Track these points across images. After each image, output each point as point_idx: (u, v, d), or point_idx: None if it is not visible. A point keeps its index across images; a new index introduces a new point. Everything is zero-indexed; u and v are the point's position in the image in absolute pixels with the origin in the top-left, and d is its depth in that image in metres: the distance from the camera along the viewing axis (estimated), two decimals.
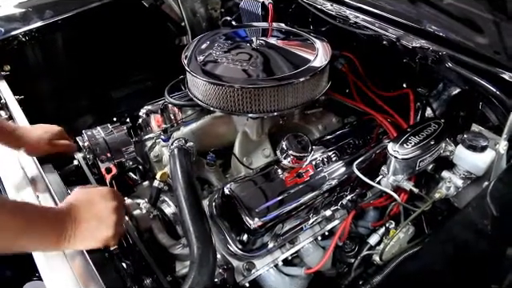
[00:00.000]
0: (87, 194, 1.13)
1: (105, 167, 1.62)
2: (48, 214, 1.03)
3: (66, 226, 1.01)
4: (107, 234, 1.07)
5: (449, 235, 1.05)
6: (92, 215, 1.07)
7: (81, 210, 1.06)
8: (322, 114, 1.83)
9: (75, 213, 1.05)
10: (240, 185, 1.38)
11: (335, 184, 1.49)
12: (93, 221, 1.06)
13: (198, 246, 1.14)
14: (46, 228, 0.99)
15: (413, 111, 1.65)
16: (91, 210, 1.08)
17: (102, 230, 1.07)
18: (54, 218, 1.02)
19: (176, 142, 1.46)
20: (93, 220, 1.06)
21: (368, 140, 1.64)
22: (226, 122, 1.74)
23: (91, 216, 1.06)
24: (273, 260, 1.49)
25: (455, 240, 1.03)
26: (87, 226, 1.04)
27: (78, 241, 1.03)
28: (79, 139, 1.68)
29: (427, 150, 1.44)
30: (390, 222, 1.55)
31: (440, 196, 1.46)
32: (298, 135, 1.41)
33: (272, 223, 1.36)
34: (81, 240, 1.03)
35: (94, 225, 1.06)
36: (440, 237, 1.11)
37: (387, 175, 1.49)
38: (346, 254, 1.60)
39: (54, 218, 1.02)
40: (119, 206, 1.13)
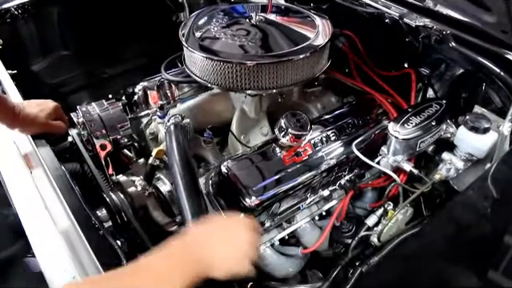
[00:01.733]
0: (223, 223, 1.07)
1: (100, 144, 1.59)
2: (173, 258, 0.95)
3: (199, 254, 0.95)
4: (243, 262, 1.01)
5: (450, 217, 1.03)
6: (223, 244, 1.00)
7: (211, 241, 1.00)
8: (321, 93, 1.80)
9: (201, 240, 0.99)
10: (237, 163, 1.36)
11: (333, 164, 1.47)
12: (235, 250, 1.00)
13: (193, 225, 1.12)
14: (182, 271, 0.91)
15: (414, 91, 1.62)
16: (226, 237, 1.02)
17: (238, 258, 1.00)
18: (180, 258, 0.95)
19: (172, 119, 1.44)
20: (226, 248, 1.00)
21: (367, 120, 1.62)
22: (224, 99, 1.71)
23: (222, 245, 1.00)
24: (269, 239, 1.48)
25: (456, 222, 1.01)
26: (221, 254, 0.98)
27: (216, 269, 0.96)
28: (73, 115, 1.64)
29: (428, 130, 1.42)
30: (388, 203, 1.53)
31: (440, 178, 1.44)
32: (296, 113, 1.38)
33: (269, 202, 1.34)
34: (219, 267, 0.97)
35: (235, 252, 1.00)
36: (440, 218, 1.09)
37: (387, 155, 1.47)
38: (343, 234, 1.59)
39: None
40: (253, 235, 1.04)
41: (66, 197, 1.17)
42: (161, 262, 0.92)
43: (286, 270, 1.52)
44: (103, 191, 1.44)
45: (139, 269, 0.90)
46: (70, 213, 1.12)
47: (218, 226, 1.04)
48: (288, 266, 1.52)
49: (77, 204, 1.14)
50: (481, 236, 1.00)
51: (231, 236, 1.02)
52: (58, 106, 1.55)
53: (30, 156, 1.39)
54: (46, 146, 1.42)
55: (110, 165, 1.60)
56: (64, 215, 1.14)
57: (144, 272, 0.89)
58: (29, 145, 1.43)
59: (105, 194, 1.43)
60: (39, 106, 1.50)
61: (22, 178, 1.31)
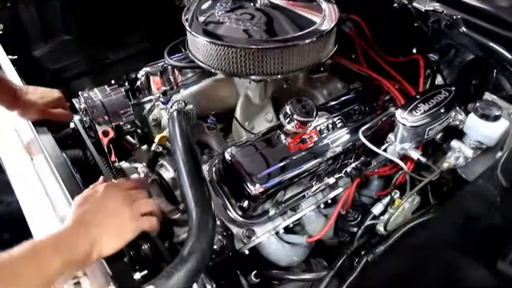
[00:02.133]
0: (88, 197, 1.05)
1: (102, 130, 1.56)
2: (61, 243, 0.93)
3: (86, 242, 0.94)
4: (130, 223, 1.02)
5: (459, 207, 1.01)
6: (104, 215, 1.00)
7: (90, 215, 0.99)
8: (327, 79, 1.77)
9: (88, 221, 0.98)
10: (241, 149, 1.33)
11: (339, 151, 1.44)
12: (108, 219, 1.00)
13: (196, 212, 1.10)
14: (66, 258, 0.90)
15: (422, 78, 1.59)
16: (101, 210, 1.01)
17: (123, 222, 1.01)
18: (68, 242, 0.93)
19: (175, 105, 1.41)
20: (107, 218, 1.00)
21: (374, 107, 1.58)
22: (228, 84, 1.68)
23: (104, 216, 1.00)
24: (274, 227, 1.46)
25: (465, 212, 0.99)
26: (104, 227, 0.98)
27: (104, 245, 0.95)
28: (75, 101, 1.62)
29: (437, 118, 1.39)
30: (394, 191, 1.50)
31: (448, 166, 1.42)
32: (302, 99, 1.35)
33: (274, 190, 1.32)
34: (107, 242, 0.96)
35: (114, 221, 1.00)
36: (449, 208, 1.07)
37: (394, 143, 1.44)
38: (349, 222, 1.57)
39: (69, 243, 0.93)
40: (125, 193, 1.07)
41: (67, 184, 1.15)
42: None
43: (290, 259, 1.50)
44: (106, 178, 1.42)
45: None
46: (70, 200, 1.10)
47: (93, 202, 1.03)
48: (292, 255, 1.50)
49: (77, 191, 1.12)
50: (490, 226, 0.97)
51: (105, 205, 1.02)
52: (62, 97, 1.54)
53: (31, 143, 1.37)
54: (47, 134, 1.40)
55: (112, 151, 1.58)
56: (65, 202, 1.13)
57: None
58: (30, 132, 1.41)
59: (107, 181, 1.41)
60: (42, 93, 1.49)
61: (23, 165, 1.30)
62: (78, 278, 0.96)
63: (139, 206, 1.07)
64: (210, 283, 1.23)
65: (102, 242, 0.95)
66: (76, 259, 0.91)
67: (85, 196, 1.06)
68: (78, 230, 0.96)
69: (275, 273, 1.51)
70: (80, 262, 0.92)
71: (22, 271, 0.83)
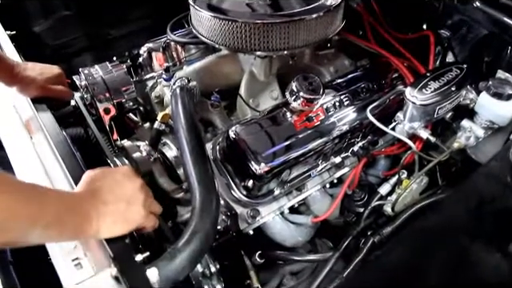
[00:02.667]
0: (106, 173, 1.00)
1: (103, 107, 1.54)
2: (65, 198, 0.90)
3: (88, 212, 0.88)
4: (139, 215, 0.96)
5: (472, 189, 0.98)
6: (119, 196, 0.94)
7: (103, 191, 0.93)
8: (333, 56, 1.73)
9: (98, 195, 0.92)
10: (246, 127, 1.30)
11: (346, 130, 1.42)
12: (121, 202, 0.94)
13: (200, 191, 1.07)
14: (64, 214, 0.84)
15: (433, 55, 1.55)
16: (116, 190, 0.95)
17: (133, 211, 0.95)
18: (73, 202, 0.89)
19: (178, 82, 1.38)
20: (121, 201, 0.94)
21: (382, 84, 1.55)
22: (232, 61, 1.63)
23: (118, 197, 0.94)
24: (279, 207, 1.44)
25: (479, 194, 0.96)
26: (115, 208, 0.92)
27: (107, 226, 0.90)
28: (76, 78, 1.59)
29: (447, 96, 1.35)
30: (402, 171, 1.47)
31: (459, 146, 1.39)
32: (308, 76, 1.31)
33: (279, 169, 1.29)
34: (110, 224, 0.91)
35: (123, 206, 0.94)
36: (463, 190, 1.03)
37: (403, 122, 1.41)
38: (355, 202, 1.55)
39: (73, 203, 0.88)
40: (143, 184, 1.02)
41: (67, 163, 1.12)
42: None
43: (295, 239, 1.49)
44: (107, 156, 1.40)
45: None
46: (70, 179, 1.07)
47: (108, 181, 0.97)
48: (297, 235, 1.49)
49: (78, 170, 1.09)
50: (504, 208, 0.94)
51: (113, 188, 0.96)
52: (62, 73, 1.50)
53: (31, 121, 1.34)
54: (46, 111, 1.36)
55: (114, 129, 1.56)
56: (65, 181, 1.10)
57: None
58: (29, 110, 1.37)
59: (109, 159, 1.39)
60: (42, 69, 1.45)
61: (22, 143, 1.26)
62: (79, 259, 0.94)
63: (152, 203, 1.03)
64: (213, 264, 1.22)
65: (104, 222, 0.90)
66: (70, 223, 0.86)
67: (102, 171, 1.01)
68: (85, 199, 0.91)
69: (280, 253, 1.50)
70: (73, 229, 0.87)
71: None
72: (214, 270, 1.22)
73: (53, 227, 0.82)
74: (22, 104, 1.39)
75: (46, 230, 0.80)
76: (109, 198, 0.93)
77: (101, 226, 0.89)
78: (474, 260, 0.84)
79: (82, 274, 0.90)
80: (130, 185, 0.98)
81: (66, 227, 0.85)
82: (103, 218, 0.90)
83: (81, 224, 0.87)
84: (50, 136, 1.22)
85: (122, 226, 0.93)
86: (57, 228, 0.83)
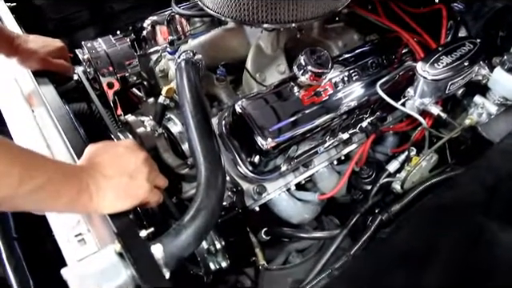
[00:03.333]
0: (109, 147, 0.97)
1: (106, 82, 1.51)
2: (63, 167, 0.87)
3: (87, 185, 0.85)
4: (143, 189, 0.93)
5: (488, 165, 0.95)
6: (121, 170, 0.91)
7: (105, 165, 0.90)
8: (342, 30, 1.68)
9: (99, 169, 0.89)
10: (252, 102, 1.27)
11: (355, 105, 1.38)
12: (124, 176, 0.91)
13: (205, 166, 1.05)
14: (58, 182, 0.81)
15: (445, 29, 1.50)
16: (119, 164, 0.92)
17: (136, 185, 0.92)
18: (71, 172, 0.86)
19: (183, 55, 1.35)
20: (123, 175, 0.91)
21: (392, 60, 1.51)
22: (238, 34, 1.60)
23: (120, 171, 0.91)
24: (285, 184, 1.42)
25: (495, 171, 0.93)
26: (117, 183, 0.89)
27: (109, 201, 0.88)
28: (79, 52, 1.56)
29: (460, 71, 1.32)
30: (411, 148, 1.44)
31: (471, 123, 1.37)
32: (317, 50, 1.27)
33: (286, 144, 1.27)
34: (112, 199, 0.88)
35: (126, 181, 0.91)
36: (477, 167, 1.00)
37: (413, 97, 1.37)
38: (363, 180, 1.53)
39: (71, 173, 0.85)
40: (148, 157, 0.99)
41: (69, 137, 1.10)
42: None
43: (301, 216, 1.48)
44: (111, 132, 1.37)
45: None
46: (72, 152, 1.05)
47: (111, 154, 0.95)
48: (304, 212, 1.47)
49: (80, 143, 1.07)
50: None
51: (116, 161, 0.93)
52: (64, 47, 1.47)
53: (32, 94, 1.31)
54: (48, 84, 1.34)
55: (118, 104, 1.53)
56: (67, 155, 1.07)
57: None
58: (30, 82, 1.35)
59: (112, 134, 1.36)
60: (44, 42, 1.42)
61: (23, 116, 1.24)
62: (82, 234, 0.92)
63: (157, 177, 1.00)
64: (219, 241, 1.20)
65: (105, 197, 0.88)
66: (66, 193, 0.83)
67: (105, 144, 0.98)
68: (86, 172, 0.88)
69: (286, 230, 1.49)
70: (69, 200, 0.83)
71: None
72: (220, 247, 1.19)
73: (43, 192, 0.79)
74: (24, 77, 1.36)
75: (36, 193, 0.78)
76: (110, 171, 0.90)
77: (101, 200, 0.87)
78: (488, 238, 0.82)
79: (85, 249, 0.89)
80: (133, 158, 0.95)
81: (60, 196, 0.82)
82: (103, 192, 0.87)
83: (78, 196, 0.84)
84: (52, 109, 1.20)
85: (125, 201, 0.91)
86: (49, 195, 0.81)
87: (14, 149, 0.79)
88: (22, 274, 1.36)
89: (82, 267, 0.81)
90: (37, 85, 1.31)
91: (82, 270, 0.80)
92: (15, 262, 1.39)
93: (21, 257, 1.40)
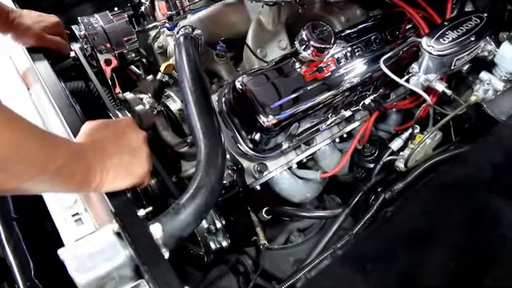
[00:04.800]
0: (108, 124, 0.95)
1: (104, 59, 1.49)
2: (73, 145, 0.85)
3: (93, 163, 0.82)
4: (143, 169, 0.91)
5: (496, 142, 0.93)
6: (122, 148, 0.89)
7: (106, 142, 0.88)
8: (345, 5, 1.64)
9: (100, 146, 0.87)
10: (253, 78, 1.24)
11: (357, 82, 1.36)
12: (124, 154, 0.89)
13: (205, 144, 1.03)
14: (73, 162, 0.78)
15: (450, 3, 1.46)
16: (120, 142, 0.90)
17: (137, 164, 0.90)
18: (80, 150, 0.83)
19: (182, 30, 1.32)
20: (125, 153, 0.89)
21: (395, 35, 1.48)
22: (239, 9, 1.57)
23: (121, 149, 0.89)
24: (287, 162, 1.41)
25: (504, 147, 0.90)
26: (118, 161, 0.87)
27: (109, 179, 0.85)
28: (75, 28, 1.54)
29: (466, 46, 1.28)
30: (415, 126, 1.42)
31: (476, 99, 1.34)
32: (319, 24, 1.24)
33: (287, 121, 1.25)
34: (113, 178, 0.85)
35: (127, 159, 0.89)
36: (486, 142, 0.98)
37: (418, 73, 1.34)
38: (365, 158, 1.52)
39: (80, 151, 0.83)
40: (146, 136, 0.97)
41: (65, 113, 1.07)
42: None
43: (303, 195, 1.46)
44: (109, 110, 1.36)
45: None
46: (69, 131, 1.02)
47: (111, 131, 0.93)
48: (305, 191, 1.46)
49: (76, 121, 1.04)
50: None
51: (118, 139, 0.91)
52: (60, 22, 1.43)
53: (27, 72, 1.28)
54: (43, 61, 1.31)
55: (116, 82, 1.50)
56: (64, 133, 1.05)
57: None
58: (26, 60, 1.31)
59: (110, 112, 1.34)
60: (39, 17, 1.38)
61: (19, 94, 1.22)
62: (79, 214, 0.90)
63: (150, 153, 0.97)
64: (219, 220, 1.19)
65: (107, 175, 0.85)
66: (78, 172, 0.80)
67: (104, 122, 0.96)
68: (89, 150, 0.85)
69: (287, 209, 1.48)
70: (80, 180, 0.80)
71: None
72: (220, 226, 1.20)
73: (61, 175, 0.76)
74: (19, 54, 1.33)
75: (54, 176, 0.75)
76: (112, 149, 0.88)
77: (104, 179, 0.84)
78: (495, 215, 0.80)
79: (82, 229, 0.88)
80: (134, 136, 0.94)
81: (73, 176, 0.79)
82: (106, 170, 0.85)
83: (87, 175, 0.82)
84: (47, 86, 1.17)
85: (124, 179, 0.88)
86: (64, 176, 0.77)
87: (39, 131, 0.75)
88: (22, 254, 1.35)
89: (79, 247, 0.79)
90: (32, 62, 1.28)
91: (80, 251, 0.78)
92: (14, 243, 1.38)
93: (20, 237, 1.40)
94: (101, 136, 0.90)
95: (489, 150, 0.93)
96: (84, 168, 0.81)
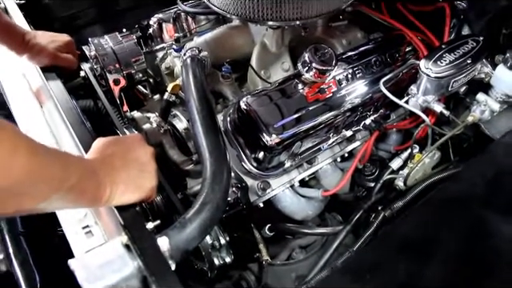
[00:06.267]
0: (118, 140, 0.98)
1: (113, 78, 1.53)
2: (84, 162, 0.87)
3: (103, 178, 0.85)
4: (151, 183, 0.94)
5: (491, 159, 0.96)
6: (131, 163, 0.92)
7: (115, 158, 0.91)
8: (346, 28, 1.68)
9: (110, 161, 0.90)
10: (257, 98, 1.28)
11: (358, 103, 1.39)
12: (133, 169, 0.91)
13: (211, 162, 1.06)
14: (85, 179, 0.80)
15: (448, 27, 1.51)
16: (128, 157, 0.93)
17: (145, 178, 0.93)
18: (91, 167, 0.85)
19: (189, 52, 1.35)
20: (133, 168, 0.91)
21: (395, 58, 1.52)
22: (244, 32, 1.60)
23: (130, 164, 0.91)
24: (289, 180, 1.43)
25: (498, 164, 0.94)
26: (127, 175, 0.90)
27: (119, 193, 0.87)
28: (85, 48, 1.58)
29: (463, 69, 1.33)
30: (414, 145, 1.45)
31: (473, 120, 1.36)
32: (321, 47, 1.28)
33: (290, 141, 1.28)
34: (122, 192, 0.88)
35: (136, 173, 0.91)
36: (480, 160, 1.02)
37: (416, 95, 1.38)
38: (366, 177, 1.54)
39: (91, 168, 0.85)
40: (153, 152, 0.99)
41: (77, 130, 1.11)
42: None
43: (305, 213, 1.49)
44: (117, 128, 1.39)
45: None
46: (81, 147, 1.06)
47: (120, 147, 0.95)
48: (307, 209, 1.48)
49: (87, 137, 1.08)
50: None
51: (126, 154, 0.94)
52: (72, 41, 1.48)
53: (40, 89, 1.33)
54: (56, 80, 1.35)
55: (124, 101, 1.54)
56: (75, 150, 1.09)
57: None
58: (38, 78, 1.36)
59: (119, 130, 1.38)
60: (52, 37, 1.44)
61: (32, 111, 1.26)
62: (90, 227, 0.93)
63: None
64: (223, 236, 1.21)
65: (117, 189, 0.88)
66: (90, 189, 0.82)
67: (114, 138, 0.99)
68: (99, 165, 0.87)
69: (289, 226, 1.50)
70: (91, 196, 0.83)
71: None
72: (224, 242, 1.21)
73: (73, 192, 0.79)
74: (32, 72, 1.38)
75: (67, 194, 0.77)
76: (120, 164, 0.91)
77: (113, 193, 0.87)
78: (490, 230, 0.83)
79: (92, 241, 0.90)
80: (143, 151, 0.97)
81: (85, 193, 0.82)
82: (116, 185, 0.88)
83: (98, 190, 0.85)
84: (60, 104, 1.21)
85: (134, 193, 0.91)
86: (77, 193, 0.80)
87: (51, 150, 0.78)
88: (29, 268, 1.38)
89: (89, 258, 0.81)
90: (45, 80, 1.33)
91: (89, 261, 0.81)
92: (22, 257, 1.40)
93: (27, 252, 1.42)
94: (111, 152, 0.93)
95: (482, 167, 0.96)
96: (95, 184, 0.84)
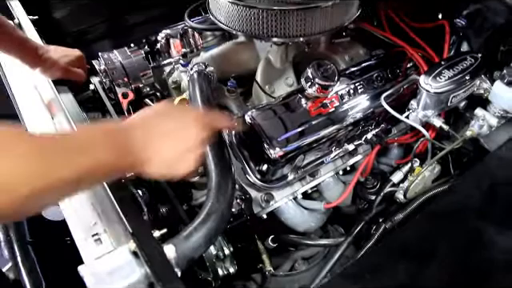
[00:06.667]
0: (172, 112, 0.95)
1: (122, 92, 1.57)
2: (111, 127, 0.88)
3: (136, 138, 0.85)
4: (189, 167, 0.93)
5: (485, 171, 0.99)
6: (175, 140, 0.91)
7: (158, 128, 0.89)
8: (349, 45, 1.73)
9: (148, 134, 0.88)
10: (261, 113, 1.32)
11: (360, 117, 1.43)
12: (175, 147, 0.90)
13: (216, 174, 1.09)
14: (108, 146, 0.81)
15: (447, 44, 1.54)
16: (174, 134, 0.91)
17: (184, 161, 0.92)
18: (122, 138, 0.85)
19: (196, 67, 1.39)
20: (175, 146, 0.90)
21: (396, 73, 1.56)
22: (249, 48, 1.65)
23: (172, 140, 0.90)
24: (292, 192, 1.46)
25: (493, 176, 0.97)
26: (166, 150, 0.89)
27: (149, 165, 0.87)
28: (95, 63, 1.62)
29: (461, 85, 1.36)
30: (414, 159, 1.48)
31: (472, 134, 1.39)
32: (324, 63, 1.33)
33: (293, 154, 1.31)
34: (154, 165, 0.88)
35: (175, 153, 0.91)
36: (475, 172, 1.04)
37: (416, 110, 1.41)
38: (368, 190, 1.56)
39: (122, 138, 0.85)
40: (206, 137, 0.97)
41: None
42: (90, 133, 0.84)
43: (307, 224, 1.51)
44: None
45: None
46: None
47: (163, 114, 0.95)
48: (310, 221, 1.50)
49: None
50: None
51: (178, 128, 0.93)
52: (82, 56, 1.55)
53: (52, 101, 1.37)
54: (67, 92, 1.40)
55: (132, 114, 1.58)
56: None
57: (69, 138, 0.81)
58: (50, 90, 1.41)
59: None
60: (64, 52, 1.50)
61: (44, 123, 1.30)
62: (99, 234, 0.97)
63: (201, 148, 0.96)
64: (227, 246, 1.23)
65: (150, 162, 0.88)
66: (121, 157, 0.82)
67: (171, 109, 0.98)
68: (132, 135, 0.86)
69: (292, 238, 1.52)
70: (122, 166, 0.84)
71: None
72: (228, 253, 1.23)
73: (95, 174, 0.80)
74: (43, 85, 1.42)
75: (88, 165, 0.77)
76: (160, 136, 0.90)
77: (144, 163, 0.88)
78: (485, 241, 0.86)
79: (101, 249, 0.93)
80: (194, 132, 0.94)
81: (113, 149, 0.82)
82: (148, 157, 0.87)
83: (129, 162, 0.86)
84: (71, 116, 1.25)
85: (167, 170, 0.92)
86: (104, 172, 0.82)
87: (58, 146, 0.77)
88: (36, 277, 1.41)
89: (98, 265, 0.85)
90: (56, 92, 1.37)
91: (98, 268, 0.84)
92: (30, 266, 1.43)
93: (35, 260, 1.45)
94: (155, 123, 0.91)
95: (477, 178, 0.99)
96: (128, 159, 0.85)
